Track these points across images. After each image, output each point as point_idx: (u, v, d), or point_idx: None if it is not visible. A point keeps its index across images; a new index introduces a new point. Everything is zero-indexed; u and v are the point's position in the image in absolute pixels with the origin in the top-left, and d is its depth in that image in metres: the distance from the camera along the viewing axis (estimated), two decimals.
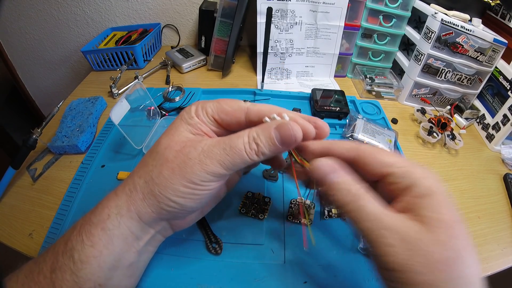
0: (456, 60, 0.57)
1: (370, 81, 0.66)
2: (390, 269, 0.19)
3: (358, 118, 0.53)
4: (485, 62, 0.57)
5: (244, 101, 0.29)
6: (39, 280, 0.23)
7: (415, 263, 0.18)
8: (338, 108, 0.56)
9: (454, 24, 0.54)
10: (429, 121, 0.57)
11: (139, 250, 0.26)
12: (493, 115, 0.58)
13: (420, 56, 0.60)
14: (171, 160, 0.25)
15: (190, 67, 0.73)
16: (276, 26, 0.65)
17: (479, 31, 0.54)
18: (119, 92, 0.64)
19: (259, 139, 0.24)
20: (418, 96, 0.65)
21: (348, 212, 0.21)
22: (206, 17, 0.73)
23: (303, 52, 0.70)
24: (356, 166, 0.24)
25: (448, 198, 0.20)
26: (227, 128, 0.28)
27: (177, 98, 0.60)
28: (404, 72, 0.66)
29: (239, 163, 0.24)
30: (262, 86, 0.65)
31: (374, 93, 0.67)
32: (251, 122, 0.26)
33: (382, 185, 0.23)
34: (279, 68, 0.71)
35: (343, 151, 0.24)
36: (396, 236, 0.19)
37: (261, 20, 0.63)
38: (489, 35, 0.54)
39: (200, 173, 0.24)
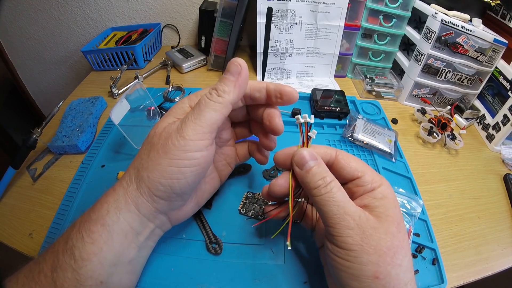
0: (456, 60, 0.57)
1: (370, 81, 0.66)
2: (345, 248, 0.22)
3: (358, 118, 0.53)
4: (485, 62, 0.57)
5: None
6: (39, 279, 0.23)
7: (366, 244, 0.22)
8: (338, 108, 0.56)
9: (454, 24, 0.54)
10: (429, 121, 0.57)
11: (139, 245, 0.27)
12: (493, 115, 0.58)
13: (420, 56, 0.60)
14: (156, 143, 0.26)
15: (190, 67, 0.73)
16: (276, 26, 0.65)
17: (479, 31, 0.54)
18: (119, 92, 0.64)
19: (216, 85, 0.27)
20: (418, 96, 0.65)
21: (318, 195, 0.24)
22: (206, 17, 0.73)
23: (303, 52, 0.70)
24: (331, 168, 0.27)
25: (397, 203, 0.25)
26: None
27: (177, 98, 0.60)
28: (404, 72, 0.66)
29: (210, 117, 0.25)
30: None
31: (374, 93, 0.67)
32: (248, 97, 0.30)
33: (349, 185, 0.27)
34: (279, 68, 0.71)
35: (322, 154, 0.27)
36: (354, 221, 0.23)
37: (261, 20, 0.63)
38: (489, 35, 0.54)
39: (178, 142, 0.25)
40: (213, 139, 0.27)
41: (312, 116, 0.27)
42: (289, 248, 0.27)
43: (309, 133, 0.27)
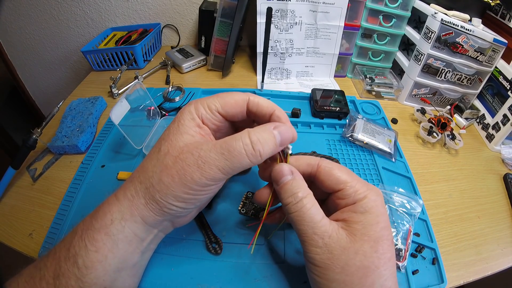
0: (456, 60, 0.57)
1: (370, 81, 0.66)
2: (313, 264, 0.23)
3: (358, 118, 0.53)
4: (485, 62, 0.57)
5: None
6: (41, 286, 0.23)
7: (332, 264, 0.22)
8: (338, 108, 0.56)
9: (454, 24, 0.54)
10: (429, 121, 0.57)
11: (142, 250, 0.27)
12: (493, 115, 0.58)
13: (420, 56, 0.60)
14: (170, 167, 0.24)
15: (190, 67, 0.73)
16: (276, 26, 0.65)
17: (479, 31, 0.54)
18: (119, 92, 0.64)
19: (263, 141, 0.24)
20: (418, 96, 0.65)
21: (289, 212, 0.24)
22: (206, 17, 0.73)
23: (303, 52, 0.70)
24: (315, 179, 0.27)
25: (383, 217, 0.24)
26: (231, 120, 0.29)
27: (177, 98, 0.60)
28: (404, 72, 0.66)
29: (239, 167, 0.24)
30: (262, 86, 0.65)
31: (374, 93, 0.67)
32: (251, 113, 0.28)
33: (332, 198, 0.26)
34: (279, 68, 0.71)
35: (304, 166, 0.27)
36: (322, 240, 0.23)
37: (261, 20, 0.63)
38: (489, 35, 0.54)
39: (199, 180, 0.24)
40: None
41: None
42: (252, 252, 0.29)
43: (286, 148, 0.27)
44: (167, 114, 0.55)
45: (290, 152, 0.27)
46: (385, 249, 0.23)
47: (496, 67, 0.58)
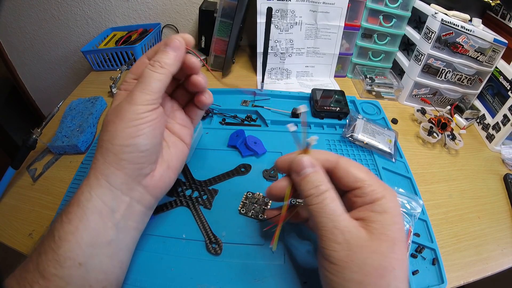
0: (456, 60, 0.57)
1: (370, 81, 0.66)
2: (330, 261, 0.22)
3: (358, 118, 0.53)
4: (485, 62, 0.57)
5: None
6: (27, 267, 0.24)
7: (351, 262, 0.21)
8: (338, 108, 0.56)
9: (454, 24, 0.54)
10: (429, 121, 0.57)
11: (115, 224, 0.26)
12: (493, 115, 0.58)
13: (420, 56, 0.60)
14: (110, 118, 0.28)
15: None
16: (276, 26, 0.65)
17: (479, 31, 0.54)
18: None
19: (157, 57, 0.29)
20: (418, 96, 0.65)
21: (310, 204, 0.24)
22: (206, 17, 0.73)
23: (303, 52, 0.70)
24: (332, 176, 0.26)
25: (399, 218, 0.24)
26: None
27: None
28: (404, 72, 0.66)
29: (154, 81, 0.28)
30: (262, 86, 0.65)
31: (374, 93, 0.67)
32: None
33: (348, 195, 0.26)
34: (279, 68, 0.71)
35: (323, 162, 0.27)
36: (343, 236, 0.22)
37: (261, 20, 0.63)
38: (489, 35, 0.54)
39: (131, 108, 0.27)
40: (159, 103, 0.29)
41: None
42: (273, 250, 0.28)
43: (307, 140, 0.26)
44: None
45: (313, 144, 0.26)
46: (402, 251, 0.22)
47: (496, 67, 0.58)
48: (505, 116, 0.55)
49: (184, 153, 0.35)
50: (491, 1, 0.60)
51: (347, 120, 0.54)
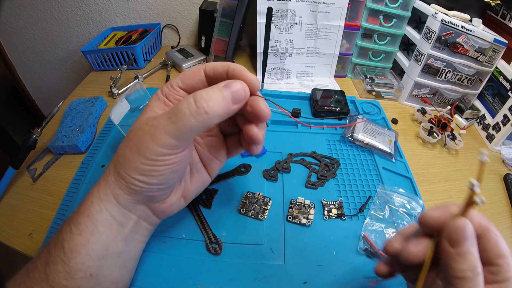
0: (456, 60, 0.57)
1: (370, 81, 0.66)
2: None
3: (358, 118, 0.53)
4: (485, 62, 0.57)
5: None
6: (34, 276, 0.23)
7: None
8: (338, 108, 0.56)
9: (454, 24, 0.54)
10: (429, 121, 0.57)
11: (124, 238, 0.26)
12: (493, 115, 0.58)
13: (420, 56, 0.60)
14: (130, 140, 0.26)
15: (190, 67, 0.72)
16: (276, 26, 0.65)
17: (479, 31, 0.54)
18: (119, 92, 0.64)
19: (207, 97, 0.23)
20: (418, 96, 0.65)
21: (457, 286, 0.20)
22: (206, 17, 0.73)
23: (303, 52, 0.70)
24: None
25: None
26: (194, 91, 0.28)
27: None
28: (404, 72, 0.66)
29: (187, 128, 0.23)
30: (262, 86, 0.65)
31: (374, 93, 0.67)
32: (209, 78, 0.28)
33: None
34: (279, 68, 0.71)
35: (477, 228, 0.21)
36: None
37: (261, 20, 0.63)
38: (489, 35, 0.54)
39: (152, 147, 0.24)
40: (187, 146, 0.26)
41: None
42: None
43: (476, 198, 0.19)
44: None
45: (480, 205, 0.20)
46: None
47: (496, 67, 0.58)
48: (505, 116, 0.55)
49: (205, 185, 0.32)
50: (491, 1, 0.60)
51: (347, 120, 0.54)
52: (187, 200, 0.31)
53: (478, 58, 0.57)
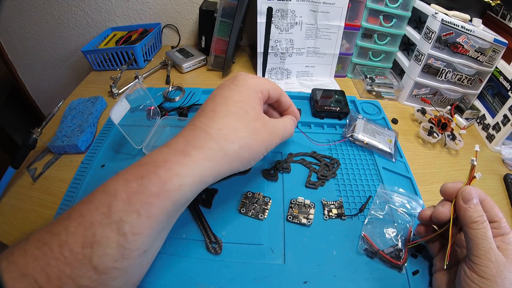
0: (456, 60, 0.57)
1: (370, 81, 0.66)
2: (482, 276, 0.26)
3: (358, 118, 0.53)
4: (485, 62, 0.57)
5: None
6: (63, 255, 0.19)
7: (498, 277, 0.26)
8: (338, 108, 0.56)
9: (454, 24, 0.54)
10: (429, 121, 0.57)
11: (162, 229, 0.26)
12: (493, 115, 0.58)
13: (420, 56, 0.60)
14: (261, 131, 0.30)
15: (190, 67, 0.73)
16: (276, 26, 0.65)
17: (480, 31, 0.54)
18: (119, 92, 0.64)
19: (294, 122, 0.39)
20: (418, 96, 0.65)
21: (475, 228, 0.28)
22: (206, 17, 0.73)
23: (303, 52, 0.70)
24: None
25: None
26: (266, 102, 0.37)
27: (177, 98, 0.60)
28: (404, 72, 0.66)
29: (287, 138, 0.36)
30: None
31: (374, 93, 0.67)
32: (277, 100, 0.38)
33: None
34: (279, 68, 0.71)
35: (479, 194, 0.31)
36: (495, 256, 0.27)
37: (261, 20, 0.63)
38: (490, 35, 0.54)
39: (275, 144, 0.33)
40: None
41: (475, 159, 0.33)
42: (445, 266, 0.30)
43: (475, 174, 0.32)
44: (167, 114, 0.55)
45: (478, 179, 0.32)
46: None
47: (496, 67, 0.58)
48: (505, 116, 0.55)
49: None
50: (491, 1, 0.60)
51: (347, 120, 0.54)
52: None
53: (478, 58, 0.57)
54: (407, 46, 0.69)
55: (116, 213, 0.21)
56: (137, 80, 0.67)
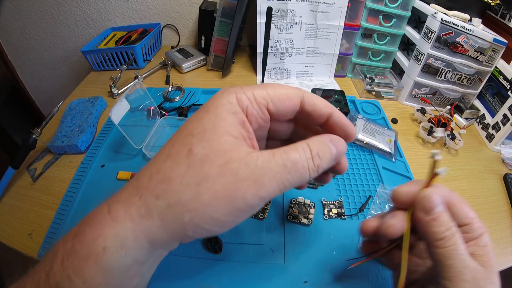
0: (456, 60, 0.57)
1: (370, 81, 0.66)
2: None
3: (358, 118, 0.53)
4: (485, 62, 0.57)
5: None
6: None
7: None
8: (338, 108, 0.55)
9: (454, 24, 0.54)
10: (429, 121, 0.57)
11: (141, 273, 0.21)
12: (493, 115, 0.58)
13: (420, 56, 0.60)
14: (213, 179, 0.19)
15: (190, 67, 0.73)
16: (276, 26, 0.65)
17: (479, 31, 0.54)
18: (119, 92, 0.64)
19: (322, 155, 0.21)
20: (418, 96, 0.65)
21: (442, 247, 0.22)
22: (206, 17, 0.73)
23: (303, 52, 0.70)
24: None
25: (493, 248, 0.24)
26: (277, 120, 0.24)
27: (177, 98, 0.60)
28: (404, 72, 0.66)
29: (297, 182, 0.20)
30: None
31: (374, 93, 0.67)
32: (304, 112, 0.24)
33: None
34: (279, 68, 0.71)
35: (444, 196, 0.24)
36: (471, 274, 0.22)
37: (261, 20, 0.63)
38: (489, 35, 0.54)
39: (253, 199, 0.19)
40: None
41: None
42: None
43: (437, 170, 0.22)
44: (167, 114, 0.55)
45: (443, 175, 0.23)
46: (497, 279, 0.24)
47: (496, 67, 0.58)
48: (505, 115, 0.55)
49: None
50: (491, 1, 0.60)
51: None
52: None
53: (477, 58, 0.57)
54: (407, 46, 0.69)
55: (54, 275, 0.19)
56: (137, 80, 0.67)
